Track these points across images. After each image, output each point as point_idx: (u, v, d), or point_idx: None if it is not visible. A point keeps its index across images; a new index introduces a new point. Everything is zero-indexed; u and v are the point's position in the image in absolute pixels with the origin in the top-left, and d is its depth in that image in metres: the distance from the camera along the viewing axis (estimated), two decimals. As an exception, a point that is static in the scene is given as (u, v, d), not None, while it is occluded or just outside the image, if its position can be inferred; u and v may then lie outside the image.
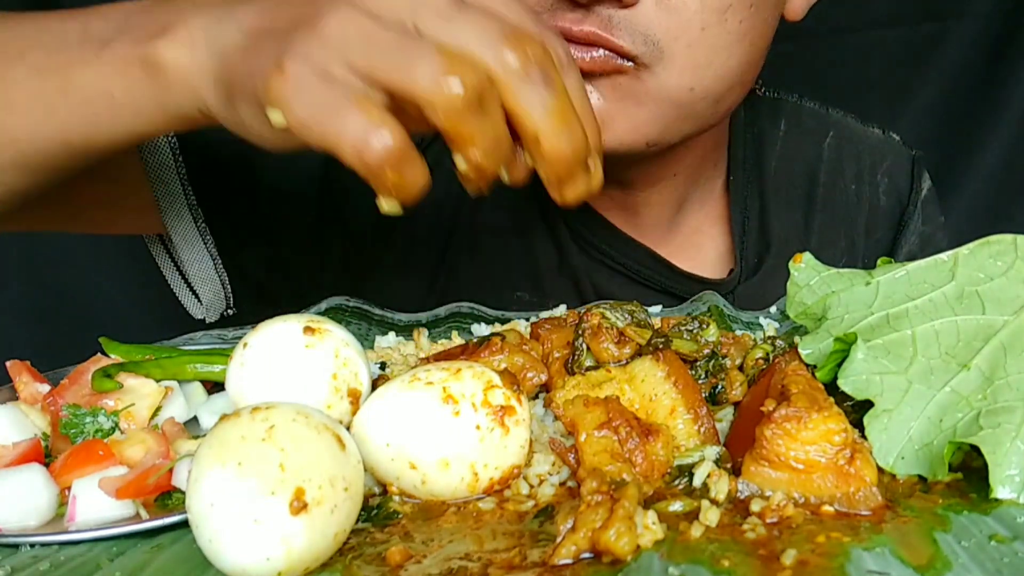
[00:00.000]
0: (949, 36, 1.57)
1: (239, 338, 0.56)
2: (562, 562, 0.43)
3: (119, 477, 0.50)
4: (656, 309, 0.86)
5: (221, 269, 0.95)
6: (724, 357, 0.63)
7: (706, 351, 0.62)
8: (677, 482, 0.51)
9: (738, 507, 0.48)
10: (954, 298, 0.56)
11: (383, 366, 0.70)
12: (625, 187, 0.94)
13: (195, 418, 0.61)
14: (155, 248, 0.94)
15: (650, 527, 0.44)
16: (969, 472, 0.51)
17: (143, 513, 0.49)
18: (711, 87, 0.79)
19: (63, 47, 0.61)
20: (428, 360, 0.64)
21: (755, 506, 0.47)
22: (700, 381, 0.61)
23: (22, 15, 0.66)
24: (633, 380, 0.57)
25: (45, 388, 0.61)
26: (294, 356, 0.53)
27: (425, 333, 0.79)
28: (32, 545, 0.48)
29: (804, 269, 0.63)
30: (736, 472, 0.50)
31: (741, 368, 0.63)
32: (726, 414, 0.59)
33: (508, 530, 0.47)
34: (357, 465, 0.46)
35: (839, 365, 0.55)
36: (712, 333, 0.63)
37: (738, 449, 0.52)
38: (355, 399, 0.54)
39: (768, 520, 0.46)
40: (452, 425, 0.49)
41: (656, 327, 0.63)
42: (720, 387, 0.61)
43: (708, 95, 0.79)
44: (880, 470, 0.50)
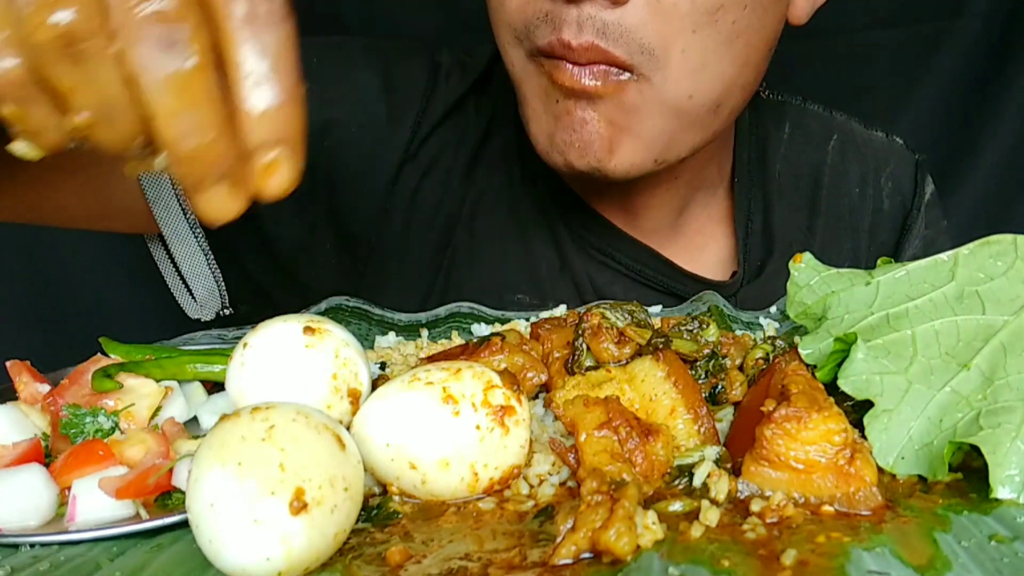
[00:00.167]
0: (949, 36, 1.57)
1: (239, 338, 0.56)
2: (562, 562, 0.43)
3: (119, 477, 0.50)
4: (656, 309, 0.86)
5: (214, 265, 0.94)
6: (724, 357, 0.63)
7: (706, 351, 0.62)
8: (677, 482, 0.51)
9: (738, 507, 0.48)
10: (954, 298, 0.56)
11: (383, 366, 0.70)
12: (626, 189, 0.94)
13: (195, 418, 0.61)
14: (153, 245, 0.94)
15: (650, 527, 0.44)
16: (969, 472, 0.51)
17: (143, 513, 0.49)
18: (709, 91, 0.79)
19: None
20: (428, 360, 0.64)
21: (755, 506, 0.47)
22: (700, 381, 0.61)
23: None
24: (633, 380, 0.57)
25: (45, 388, 0.61)
26: (294, 356, 0.53)
27: (425, 333, 0.79)
28: (32, 545, 0.48)
29: (804, 269, 0.63)
30: (736, 472, 0.50)
31: (741, 368, 0.63)
32: (726, 414, 0.59)
33: (508, 530, 0.47)
34: (357, 465, 0.46)
35: (839, 365, 0.55)
36: (712, 333, 0.63)
37: (738, 449, 0.52)
38: (355, 399, 0.54)
39: (768, 520, 0.46)
40: (452, 425, 0.49)
41: (656, 327, 0.63)
42: (720, 387, 0.61)
43: (707, 100, 0.80)
44: (880, 470, 0.50)
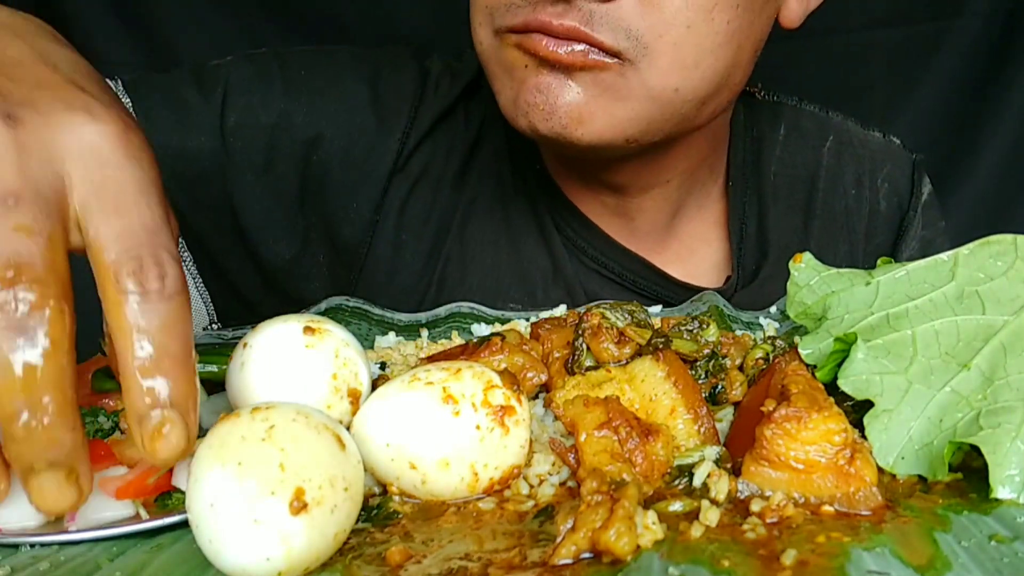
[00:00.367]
0: (949, 36, 1.57)
1: (239, 338, 0.56)
2: (562, 562, 0.42)
3: (119, 477, 0.50)
4: (656, 309, 0.86)
5: (202, 288, 0.94)
6: (724, 357, 0.63)
7: (706, 351, 0.62)
8: (677, 482, 0.51)
9: (738, 507, 0.48)
10: (954, 298, 0.56)
11: (383, 366, 0.70)
12: (618, 193, 0.94)
13: (195, 418, 0.61)
14: None
15: (650, 527, 0.44)
16: (969, 472, 0.51)
17: (143, 513, 0.49)
18: (698, 88, 0.78)
19: None
20: (428, 360, 0.64)
21: (755, 506, 0.47)
22: (700, 381, 0.61)
23: None
24: (633, 380, 0.57)
25: (45, 388, 0.61)
26: (294, 356, 0.53)
27: (425, 333, 0.79)
28: (32, 545, 0.48)
29: (804, 269, 0.63)
30: (736, 472, 0.50)
31: (741, 368, 0.63)
32: (726, 414, 0.59)
33: (508, 530, 0.47)
34: (357, 465, 0.46)
35: (839, 365, 0.55)
36: (712, 333, 0.63)
37: (738, 449, 0.52)
38: (355, 399, 0.54)
39: (768, 520, 0.46)
40: (452, 425, 0.49)
41: (656, 327, 0.63)
42: (720, 387, 0.61)
43: (694, 97, 0.79)
44: (880, 470, 0.50)
